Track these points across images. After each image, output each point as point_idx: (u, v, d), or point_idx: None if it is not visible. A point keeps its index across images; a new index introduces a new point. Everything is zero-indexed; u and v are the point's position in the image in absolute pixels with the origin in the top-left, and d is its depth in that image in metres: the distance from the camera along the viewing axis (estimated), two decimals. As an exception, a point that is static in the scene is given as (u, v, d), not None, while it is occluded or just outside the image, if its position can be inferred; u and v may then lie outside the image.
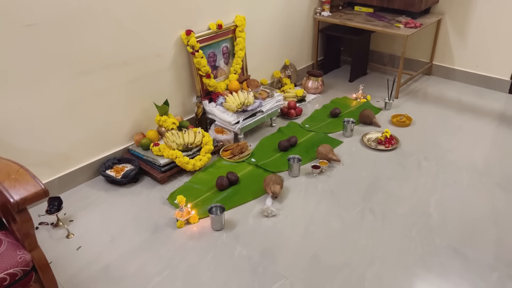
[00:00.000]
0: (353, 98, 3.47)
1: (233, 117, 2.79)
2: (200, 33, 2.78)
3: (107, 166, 2.48)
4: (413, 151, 2.76)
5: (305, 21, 3.68)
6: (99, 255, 1.98)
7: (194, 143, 2.59)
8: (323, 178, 2.51)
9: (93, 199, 2.35)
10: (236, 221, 2.19)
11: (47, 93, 2.16)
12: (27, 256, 1.41)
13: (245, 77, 3.12)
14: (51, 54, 2.11)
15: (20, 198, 1.31)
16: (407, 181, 2.47)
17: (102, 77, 2.36)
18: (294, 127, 3.08)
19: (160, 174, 2.46)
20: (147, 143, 2.55)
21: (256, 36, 3.23)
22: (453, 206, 2.27)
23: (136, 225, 2.16)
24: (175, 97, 2.81)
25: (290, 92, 3.45)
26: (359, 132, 2.97)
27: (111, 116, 2.49)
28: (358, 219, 2.18)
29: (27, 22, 1.98)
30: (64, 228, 2.14)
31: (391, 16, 3.57)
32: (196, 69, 2.81)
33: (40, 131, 2.20)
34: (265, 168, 2.60)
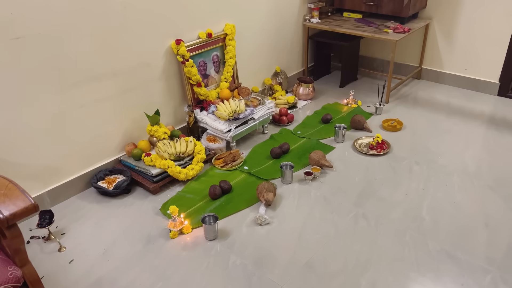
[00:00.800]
0: (344, 104, 3.49)
1: (225, 125, 2.79)
2: (190, 42, 2.79)
3: (99, 178, 2.47)
4: (405, 155, 2.78)
5: (295, 28, 3.70)
6: (92, 268, 1.96)
7: (186, 152, 2.59)
8: (316, 184, 2.52)
9: (85, 211, 2.33)
10: (229, 230, 2.18)
11: (36, 106, 2.15)
12: (18, 272, 1.39)
13: (236, 85, 3.13)
14: (39, 67, 2.10)
15: (9, 214, 1.30)
16: (399, 186, 2.48)
17: (92, 88, 2.35)
18: (286, 134, 3.08)
19: (152, 185, 2.45)
20: (138, 154, 2.54)
21: (246, 44, 3.24)
22: (445, 210, 2.28)
23: (129, 237, 2.15)
24: (166, 106, 2.81)
25: (281, 99, 3.46)
26: (350, 138, 2.98)
27: (101, 128, 2.48)
28: (351, 225, 2.19)
29: (15, 35, 1.97)
30: (56, 241, 2.11)
31: (380, 21, 3.61)
32: (187, 78, 2.81)
33: (29, 144, 2.18)
34: (258, 175, 2.60)
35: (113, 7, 2.31)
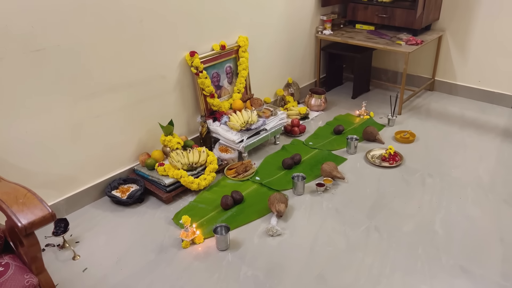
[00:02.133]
0: (356, 115, 3.49)
1: (237, 136, 2.81)
2: (204, 54, 2.83)
3: (113, 187, 2.50)
4: (418, 167, 2.76)
5: (307, 40, 3.73)
6: (105, 277, 1.98)
7: (198, 163, 2.61)
8: (328, 196, 2.52)
9: (99, 220, 2.37)
10: (241, 240, 2.19)
11: (54, 116, 2.20)
12: (34, 280, 1.42)
13: (248, 96, 3.16)
14: (57, 77, 2.15)
15: (27, 223, 1.33)
16: (412, 198, 2.47)
17: (107, 99, 2.40)
18: (298, 145, 3.09)
19: (165, 194, 2.48)
20: (152, 163, 2.57)
21: (258, 55, 3.28)
22: (459, 224, 2.26)
23: (142, 246, 2.17)
24: (180, 117, 2.85)
25: (293, 109, 3.48)
26: (363, 149, 2.98)
27: (116, 137, 2.52)
28: (363, 238, 2.18)
29: (35, 47, 2.03)
30: (70, 249, 2.15)
31: (392, 33, 3.62)
32: (200, 89, 2.85)
33: (46, 154, 2.23)
34: (270, 186, 2.61)
35: (130, 20, 2.36)
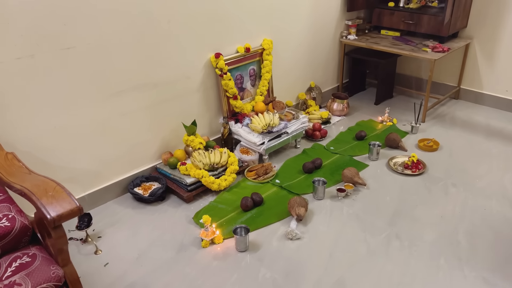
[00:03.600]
0: (379, 121, 3.46)
1: (259, 138, 2.82)
2: (229, 56, 2.85)
3: (135, 184, 2.54)
4: (441, 176, 2.72)
5: (331, 44, 3.72)
6: (126, 272, 2.01)
7: (219, 163, 2.63)
8: (349, 201, 2.50)
9: (121, 216, 2.41)
10: (260, 242, 2.19)
11: (81, 113, 2.25)
12: (59, 272, 1.45)
13: (270, 98, 3.17)
14: (86, 75, 2.21)
15: (56, 215, 1.36)
16: (435, 207, 2.43)
17: (133, 98, 2.44)
18: (318, 149, 3.08)
19: (186, 193, 2.50)
20: (174, 162, 2.60)
21: (282, 58, 3.28)
22: (483, 235, 2.21)
23: (162, 243, 2.19)
24: (203, 117, 2.88)
25: (315, 114, 3.47)
26: (385, 156, 2.95)
27: (140, 136, 2.56)
28: (384, 245, 2.15)
29: (66, 45, 2.09)
30: (92, 244, 2.19)
31: (418, 40, 3.57)
32: (224, 90, 2.87)
33: (73, 149, 2.28)
34: (290, 190, 2.61)
35: (158, 20, 2.40)
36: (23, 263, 1.46)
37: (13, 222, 1.50)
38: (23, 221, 1.53)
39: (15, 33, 1.91)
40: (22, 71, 1.98)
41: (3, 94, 1.96)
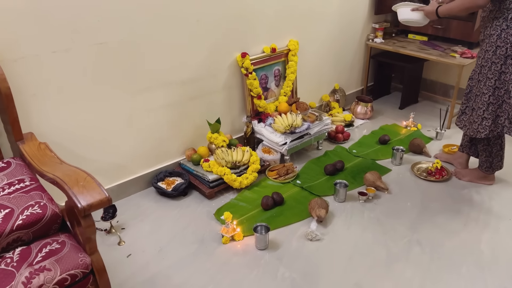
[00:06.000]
0: (403, 126, 3.43)
1: (281, 138, 2.83)
2: (255, 56, 2.88)
3: (159, 179, 2.59)
4: (465, 184, 2.67)
5: (357, 47, 3.70)
6: (148, 264, 2.06)
7: (242, 162, 2.66)
8: (370, 205, 2.49)
9: (144, 209, 2.46)
10: (279, 242, 2.21)
11: (110, 107, 2.31)
12: (87, 259, 1.50)
13: (294, 99, 3.17)
14: (116, 71, 2.26)
15: (87, 204, 1.41)
16: (458, 215, 2.39)
17: (161, 94, 2.49)
18: (341, 152, 3.07)
19: (208, 190, 2.54)
20: (197, 159, 2.65)
21: (307, 59, 3.29)
22: (507, 245, 2.17)
23: (184, 238, 2.23)
24: (226, 115, 2.91)
25: (338, 116, 3.47)
26: (408, 161, 2.92)
27: (166, 131, 2.61)
28: (404, 250, 2.14)
29: (99, 40, 2.15)
30: (116, 235, 2.25)
31: (446, 45, 3.52)
32: (248, 90, 2.90)
33: (101, 142, 2.35)
34: (310, 191, 2.61)
35: (187, 20, 2.44)
36: (52, 249, 1.52)
37: (45, 210, 1.56)
38: (54, 209, 1.58)
39: (52, 28, 1.98)
40: (57, 64, 2.05)
41: (38, 86, 2.03)
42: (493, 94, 2.22)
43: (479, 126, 2.34)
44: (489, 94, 2.23)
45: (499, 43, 2.11)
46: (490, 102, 2.25)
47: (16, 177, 1.70)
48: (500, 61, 2.14)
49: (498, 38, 2.12)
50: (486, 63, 2.20)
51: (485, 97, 2.25)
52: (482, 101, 2.27)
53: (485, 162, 2.53)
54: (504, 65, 2.14)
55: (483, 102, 2.27)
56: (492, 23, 2.15)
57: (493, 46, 2.14)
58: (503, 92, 2.19)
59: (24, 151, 1.80)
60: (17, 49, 1.92)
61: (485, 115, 2.29)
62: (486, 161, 2.52)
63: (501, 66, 2.14)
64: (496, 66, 2.16)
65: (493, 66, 2.17)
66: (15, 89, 1.87)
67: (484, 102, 2.26)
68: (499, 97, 2.21)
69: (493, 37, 2.14)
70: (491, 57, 2.17)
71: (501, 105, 2.23)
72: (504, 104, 2.22)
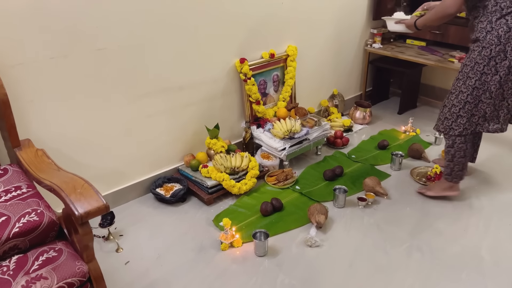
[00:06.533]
0: (401, 131, 3.42)
1: (280, 144, 2.83)
2: (253, 61, 2.88)
3: (158, 185, 2.58)
4: (464, 189, 2.66)
5: (356, 52, 3.71)
6: (146, 271, 2.04)
7: (240, 167, 2.65)
8: (369, 211, 2.48)
9: (142, 215, 2.44)
10: (279, 248, 2.19)
11: (109, 113, 2.30)
12: (84, 267, 1.49)
13: (293, 105, 3.17)
14: (115, 77, 2.26)
15: (84, 212, 1.40)
16: (458, 221, 2.38)
17: (160, 100, 2.48)
18: (340, 157, 3.07)
19: (207, 196, 2.53)
20: (196, 165, 2.63)
21: (306, 65, 3.29)
22: (507, 251, 2.16)
23: (182, 244, 2.22)
24: (225, 121, 2.90)
25: (337, 121, 3.46)
26: (407, 166, 2.91)
27: (164, 137, 2.60)
28: (404, 257, 2.13)
29: (98, 46, 2.14)
30: (114, 242, 2.23)
31: (445, 50, 3.53)
32: (247, 95, 2.89)
33: (99, 148, 2.33)
34: (310, 196, 2.60)
35: (186, 26, 2.44)
36: (49, 257, 1.50)
37: (42, 217, 1.54)
38: (51, 216, 1.57)
39: (50, 34, 1.97)
40: (55, 71, 2.04)
41: (36, 92, 2.02)
42: (471, 94, 2.23)
43: (453, 123, 2.34)
44: (468, 93, 2.24)
45: (485, 45, 2.13)
46: (467, 101, 2.26)
47: (13, 184, 1.69)
48: (483, 62, 2.16)
49: (484, 40, 2.14)
50: (470, 62, 2.22)
51: (463, 95, 2.26)
52: (459, 99, 2.28)
53: (446, 167, 2.51)
54: (487, 66, 2.15)
55: (460, 101, 2.28)
56: (478, 27, 2.18)
57: (479, 47, 2.16)
58: (481, 92, 2.21)
59: (21, 158, 1.78)
60: (15, 55, 1.91)
61: (461, 113, 2.30)
62: (447, 166, 2.49)
63: (484, 67, 2.16)
64: (479, 67, 2.17)
65: (476, 66, 2.19)
66: (12, 96, 1.85)
67: (462, 100, 2.27)
68: (477, 97, 2.23)
69: (479, 39, 2.16)
70: (475, 57, 2.19)
71: (477, 104, 2.25)
72: (480, 103, 2.23)
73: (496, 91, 2.18)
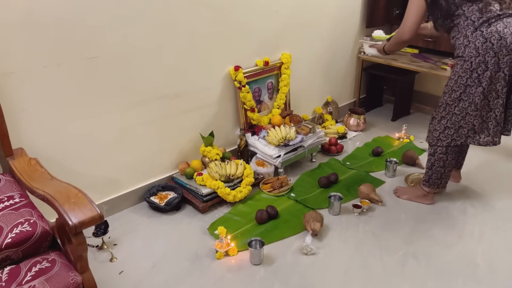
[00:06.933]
0: (395, 138, 3.44)
1: (275, 151, 2.82)
2: (248, 69, 2.88)
3: (152, 193, 2.56)
4: (459, 196, 2.68)
5: (349, 60, 3.73)
6: (141, 281, 2.02)
7: (235, 175, 2.64)
8: (364, 218, 2.48)
9: (137, 224, 2.42)
10: (274, 256, 2.18)
11: (103, 121, 2.29)
12: (78, 278, 1.47)
13: (287, 112, 3.18)
14: (109, 85, 2.25)
15: (78, 222, 1.39)
16: (453, 227, 2.39)
17: (154, 108, 2.48)
18: (334, 164, 3.07)
19: (201, 204, 2.51)
20: (191, 172, 2.62)
21: (300, 72, 3.30)
22: (502, 257, 2.17)
23: (177, 253, 2.20)
24: (220, 128, 2.90)
25: (331, 128, 3.47)
26: (402, 173, 2.92)
27: (159, 145, 2.59)
28: (400, 264, 2.13)
29: (91, 55, 2.13)
30: (108, 251, 2.20)
31: (437, 57, 3.56)
32: (242, 103, 2.89)
33: (93, 157, 2.32)
34: (305, 204, 2.60)
35: (181, 33, 2.44)
36: (42, 268, 1.48)
37: (35, 227, 1.53)
38: (44, 226, 1.55)
39: (43, 42, 1.96)
40: (48, 79, 2.03)
41: (29, 101, 2.01)
42: (457, 106, 2.27)
43: (440, 134, 2.37)
44: (454, 105, 2.27)
45: (466, 58, 2.17)
46: (454, 113, 2.29)
47: (5, 193, 1.67)
48: (466, 75, 2.19)
49: (463, 54, 2.18)
50: (454, 76, 2.26)
51: (450, 107, 2.29)
52: (447, 111, 2.31)
53: (425, 174, 2.54)
54: (470, 79, 2.18)
55: (448, 112, 2.32)
56: (456, 44, 2.24)
57: (461, 61, 2.20)
58: (467, 105, 2.23)
59: (14, 167, 1.77)
60: (7, 63, 1.89)
61: (448, 125, 2.33)
62: (426, 173, 2.52)
63: (467, 80, 2.19)
64: (462, 80, 2.21)
65: (459, 79, 2.22)
66: (5, 104, 1.84)
67: (449, 112, 2.31)
68: (463, 109, 2.26)
69: (459, 55, 2.21)
70: (458, 70, 2.23)
71: (464, 116, 2.27)
72: (468, 116, 2.26)
73: (481, 102, 2.20)
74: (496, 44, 2.09)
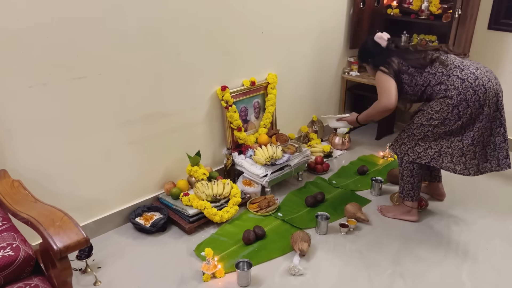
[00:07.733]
0: (380, 156, 3.49)
1: (262, 170, 2.83)
2: (234, 89, 2.90)
3: (137, 214, 2.52)
4: (443, 214, 2.72)
5: (333, 80, 3.80)
6: (125, 305, 1.97)
7: (222, 194, 2.62)
8: (352, 237, 2.48)
9: (121, 246, 2.38)
10: (262, 278, 2.16)
11: (88, 141, 2.26)
12: (62, 305, 1.42)
13: (274, 131, 3.20)
14: (95, 105, 2.23)
15: (63, 246, 1.36)
16: (438, 246, 2.42)
17: (141, 128, 2.46)
18: (321, 183, 3.09)
19: (188, 225, 2.48)
20: (177, 193, 2.60)
21: (286, 92, 3.34)
22: (486, 276, 2.19)
23: (163, 276, 2.16)
24: (206, 148, 2.89)
25: (316, 147, 3.50)
26: (387, 191, 2.95)
27: (145, 165, 2.56)
28: (388, 284, 2.13)
29: (78, 75, 2.12)
30: (92, 274, 2.15)
31: (419, 78, 3.65)
32: (229, 122, 2.90)
33: (78, 178, 2.28)
34: (292, 223, 2.59)
35: (168, 53, 2.46)
36: (25, 294, 1.44)
37: (17, 252, 1.48)
38: (27, 251, 1.51)
39: (28, 62, 1.94)
40: (33, 99, 2.01)
41: (13, 121, 1.98)
42: (432, 131, 2.34)
43: (409, 149, 2.44)
44: (429, 129, 2.34)
45: (448, 94, 2.24)
46: (427, 135, 2.37)
47: (-14, 217, 1.62)
48: (448, 109, 2.25)
49: (446, 94, 2.26)
50: (436, 107, 2.30)
51: (424, 128, 2.36)
52: (420, 131, 2.38)
53: (400, 186, 2.59)
54: (451, 113, 2.25)
55: (420, 132, 2.39)
56: (434, 91, 2.31)
57: (444, 97, 2.27)
58: (442, 131, 2.30)
59: (-4, 190, 1.72)
60: (-8, 83, 1.87)
61: (419, 143, 2.40)
62: (400, 184, 2.59)
63: (448, 114, 2.26)
64: (443, 112, 2.27)
65: (440, 111, 2.29)
66: (-12, 125, 1.81)
67: (422, 132, 2.38)
68: (437, 134, 2.34)
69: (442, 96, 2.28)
70: (440, 103, 2.28)
71: (436, 139, 2.34)
72: (440, 139, 2.33)
73: (456, 129, 2.29)
74: (474, 83, 2.18)
